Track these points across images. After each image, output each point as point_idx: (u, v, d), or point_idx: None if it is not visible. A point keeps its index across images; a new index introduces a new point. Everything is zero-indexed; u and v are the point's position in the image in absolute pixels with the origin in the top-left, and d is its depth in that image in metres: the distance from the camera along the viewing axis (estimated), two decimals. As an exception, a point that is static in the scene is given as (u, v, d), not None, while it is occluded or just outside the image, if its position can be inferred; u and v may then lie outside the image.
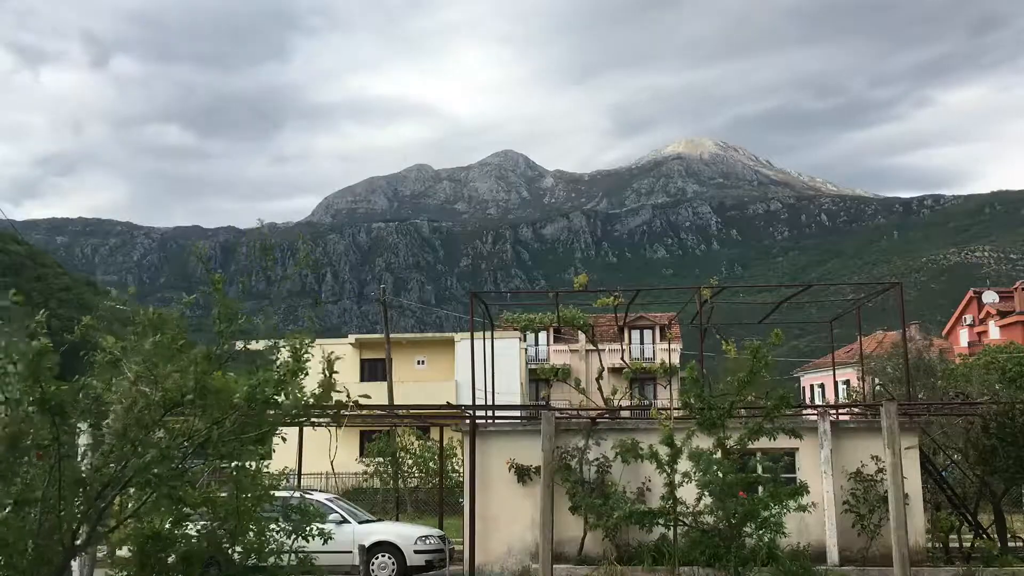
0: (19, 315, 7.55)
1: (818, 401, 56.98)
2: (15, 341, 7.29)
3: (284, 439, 9.43)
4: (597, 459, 17.83)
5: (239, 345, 8.47)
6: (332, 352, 8.83)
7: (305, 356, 8.45)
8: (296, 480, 23.14)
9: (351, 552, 17.31)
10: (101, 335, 8.04)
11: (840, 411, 23.66)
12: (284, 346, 8.63)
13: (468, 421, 18.53)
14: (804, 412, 23.44)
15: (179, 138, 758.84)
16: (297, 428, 19.82)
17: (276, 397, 8.14)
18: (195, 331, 8.61)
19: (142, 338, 7.83)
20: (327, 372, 8.54)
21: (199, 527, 8.76)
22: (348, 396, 8.97)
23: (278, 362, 8.46)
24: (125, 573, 8.53)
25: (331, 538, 10.30)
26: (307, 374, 8.48)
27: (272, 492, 9.16)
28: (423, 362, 46.47)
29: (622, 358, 40.14)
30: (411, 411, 23.90)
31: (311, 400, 8.54)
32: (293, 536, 9.43)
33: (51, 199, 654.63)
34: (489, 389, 22.66)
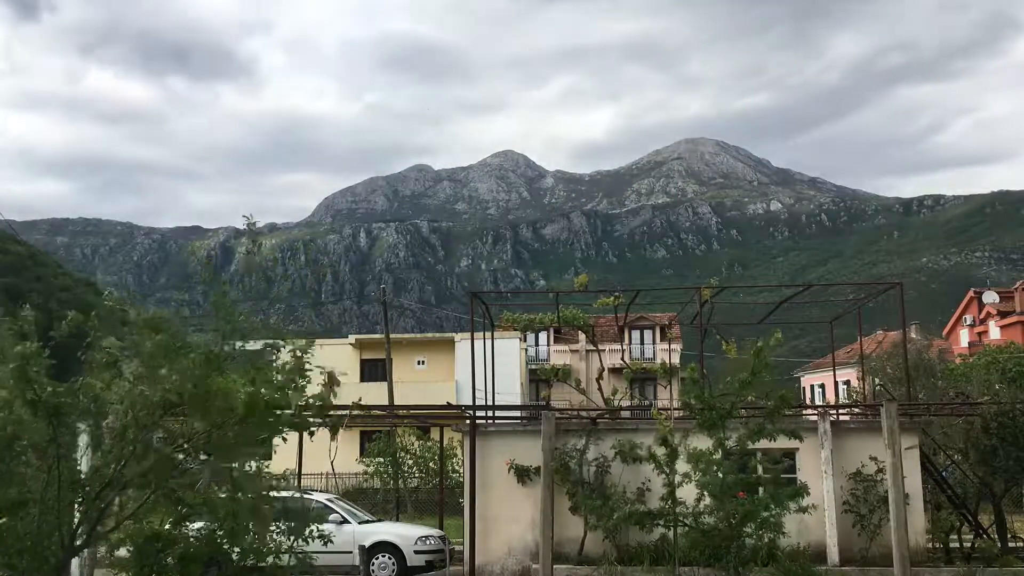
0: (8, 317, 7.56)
1: (818, 401, 56.97)
2: (3, 344, 7.29)
3: (284, 439, 9.42)
4: (596, 459, 17.82)
5: (238, 346, 8.46)
6: (334, 369, 8.79)
7: (306, 363, 8.43)
8: (296, 481, 23.11)
9: (351, 552, 17.30)
10: (102, 335, 8.03)
11: (840, 411, 23.67)
12: (284, 347, 8.61)
13: (468, 421, 18.51)
14: (804, 412, 23.42)
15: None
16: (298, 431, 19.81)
17: (278, 402, 8.13)
18: (196, 331, 8.59)
19: (141, 339, 7.82)
20: (328, 385, 8.53)
21: (198, 528, 8.74)
22: (354, 402, 8.96)
23: (278, 363, 8.45)
24: (125, 574, 8.53)
25: (331, 539, 10.29)
26: (309, 381, 8.46)
27: (272, 493, 9.14)
28: (423, 362, 46.46)
29: (622, 358, 40.15)
30: (411, 411, 23.92)
31: (312, 407, 8.53)
32: (293, 537, 9.42)
33: (51, 199, 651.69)
34: (489, 389, 22.66)
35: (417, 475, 35.17)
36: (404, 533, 19.07)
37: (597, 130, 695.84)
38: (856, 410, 26.14)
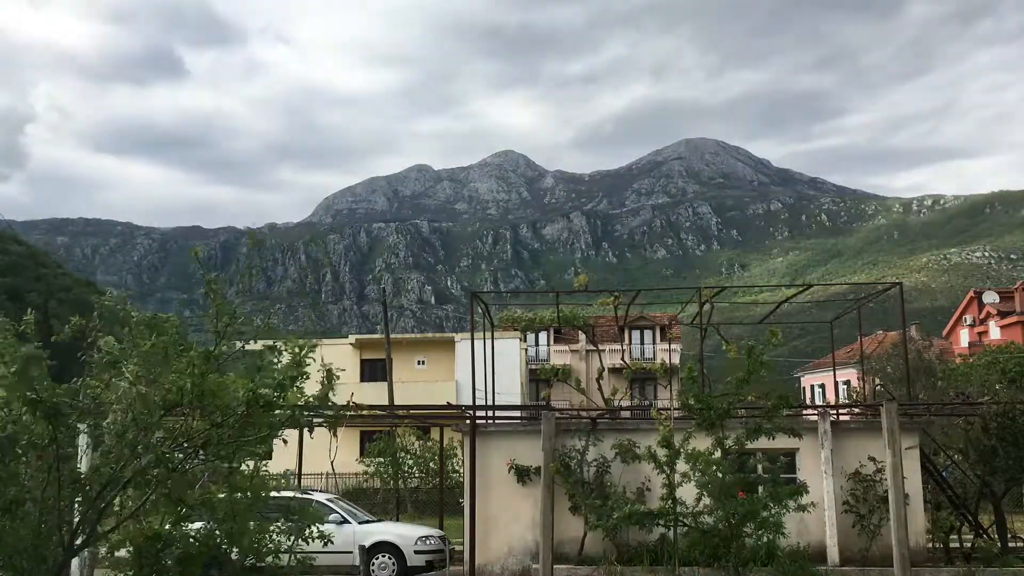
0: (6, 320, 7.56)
1: (818, 401, 56.98)
2: (5, 344, 7.29)
3: (285, 441, 9.42)
4: (596, 459, 17.81)
5: (237, 345, 8.46)
6: (332, 363, 8.79)
7: (307, 361, 8.44)
8: (296, 480, 23.12)
9: (351, 552, 17.30)
10: (100, 336, 8.03)
11: (840, 411, 23.64)
12: (284, 349, 8.61)
13: (468, 421, 18.50)
14: (804, 412, 23.41)
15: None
16: (297, 429, 19.79)
17: (277, 400, 8.13)
18: (195, 331, 8.59)
19: (140, 339, 7.82)
20: (326, 381, 8.53)
21: (198, 528, 8.74)
22: (351, 400, 8.96)
23: (278, 364, 8.45)
24: (124, 574, 8.53)
25: (331, 539, 10.29)
26: (308, 378, 8.46)
27: (271, 492, 9.14)
28: (423, 362, 46.47)
29: (622, 358, 40.14)
30: (411, 411, 23.90)
31: (311, 402, 8.53)
32: (293, 537, 9.42)
33: (51, 198, 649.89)
34: (489, 389, 22.64)
35: (417, 475, 35.18)
36: (404, 533, 19.06)
37: (624, 108, 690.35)
38: (856, 410, 26.12)
